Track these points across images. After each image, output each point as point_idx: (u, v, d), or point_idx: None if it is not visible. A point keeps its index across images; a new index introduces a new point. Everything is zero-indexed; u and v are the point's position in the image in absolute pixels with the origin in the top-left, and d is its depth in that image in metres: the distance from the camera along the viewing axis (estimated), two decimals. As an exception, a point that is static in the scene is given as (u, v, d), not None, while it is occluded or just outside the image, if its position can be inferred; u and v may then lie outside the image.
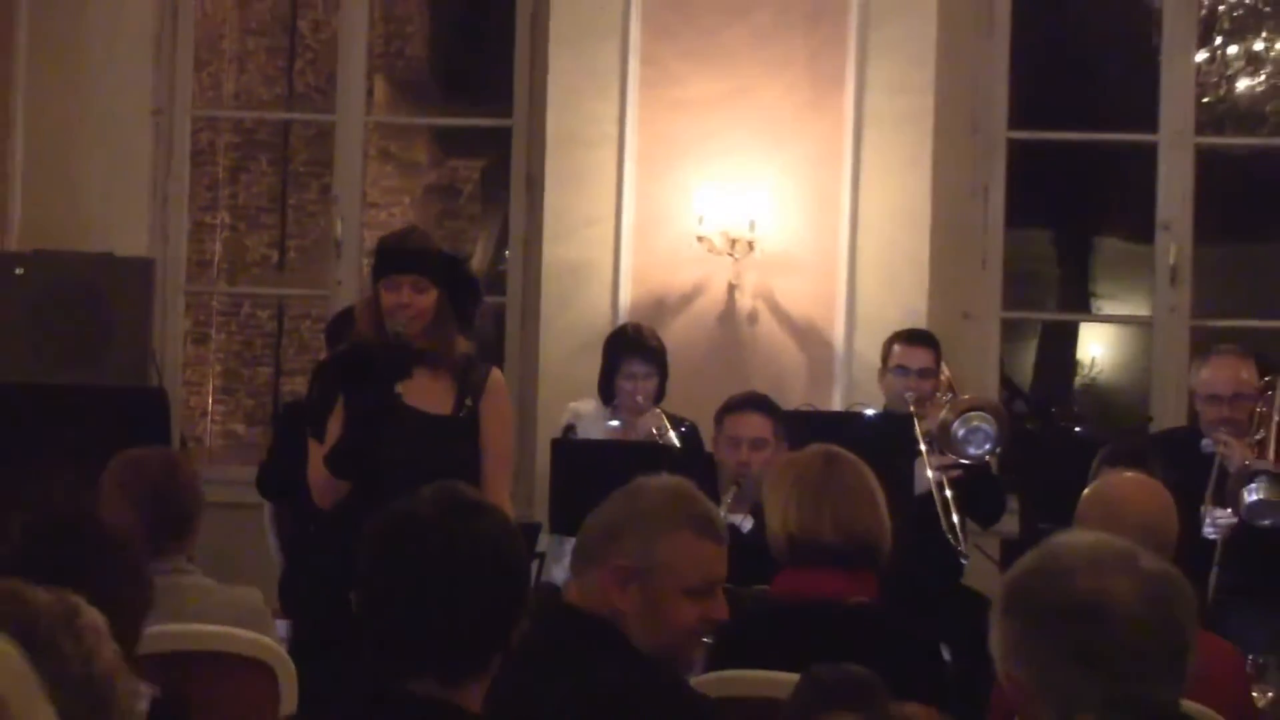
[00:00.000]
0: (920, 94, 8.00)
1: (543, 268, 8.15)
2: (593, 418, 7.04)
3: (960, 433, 6.83)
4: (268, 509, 7.42)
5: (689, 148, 8.00)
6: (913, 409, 6.90)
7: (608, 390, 7.07)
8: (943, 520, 6.73)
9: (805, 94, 7.98)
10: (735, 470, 6.49)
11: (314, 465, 5.39)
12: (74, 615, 2.57)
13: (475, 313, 5.65)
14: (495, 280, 10.02)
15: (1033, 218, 15.77)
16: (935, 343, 7.21)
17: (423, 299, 5.36)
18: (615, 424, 6.92)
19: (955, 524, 6.76)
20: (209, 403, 17.40)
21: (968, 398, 7.08)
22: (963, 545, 6.79)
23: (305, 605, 5.80)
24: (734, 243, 7.85)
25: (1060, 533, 2.95)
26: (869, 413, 7.02)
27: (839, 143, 7.96)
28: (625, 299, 7.98)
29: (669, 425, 6.81)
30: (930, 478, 6.74)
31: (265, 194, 17.79)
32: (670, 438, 6.74)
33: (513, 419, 5.87)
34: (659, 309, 7.93)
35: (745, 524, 6.21)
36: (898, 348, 7.16)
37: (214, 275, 16.98)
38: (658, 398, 7.04)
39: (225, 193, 17.59)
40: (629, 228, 8.01)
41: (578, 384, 7.39)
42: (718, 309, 7.98)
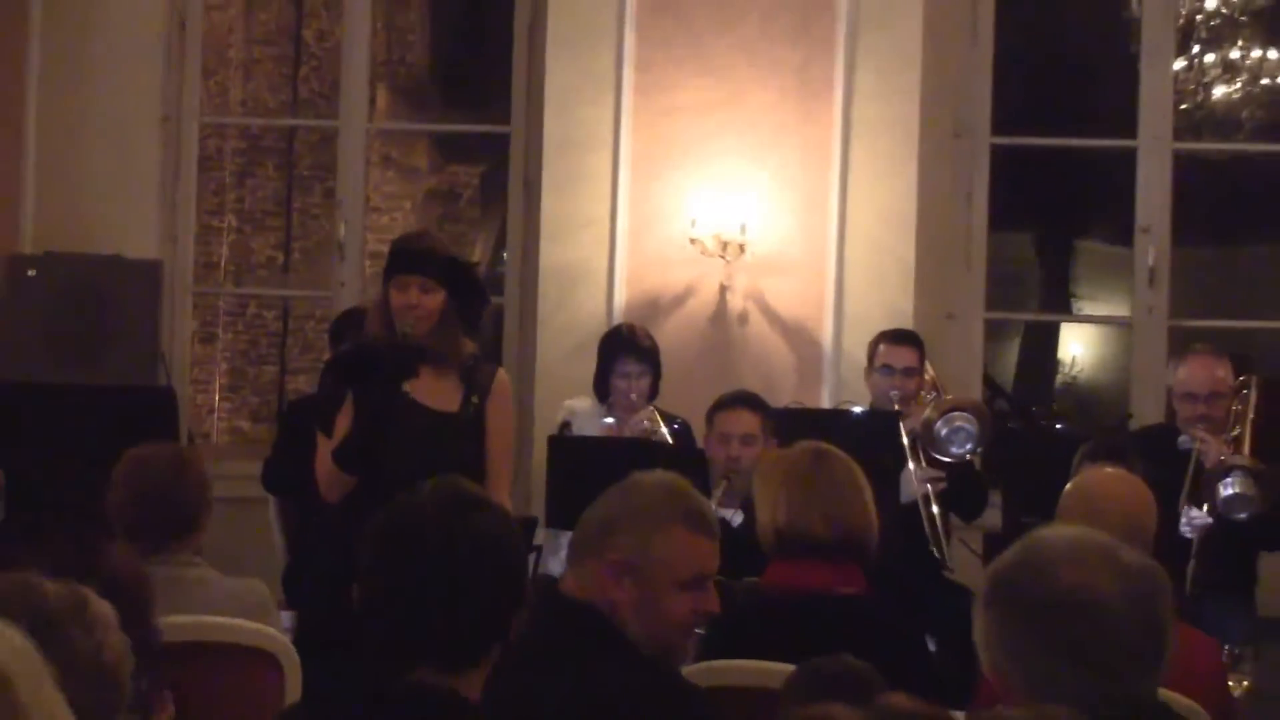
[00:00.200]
0: (906, 101, 7.99)
1: (540, 269, 8.15)
2: (588, 415, 7.04)
3: (943, 432, 6.83)
4: (273, 504, 7.42)
5: (682, 153, 7.99)
6: (898, 407, 6.91)
7: (603, 388, 7.07)
8: (928, 532, 6.73)
9: (794, 101, 7.98)
10: (726, 466, 6.47)
11: (322, 460, 5.37)
12: (83, 606, 2.58)
13: (481, 316, 5.65)
14: (494, 281, 10.01)
15: (1015, 221, 15.78)
16: (920, 342, 7.20)
17: (430, 300, 5.35)
18: (610, 421, 6.92)
19: (940, 538, 6.77)
20: (216, 400, 17.40)
21: (951, 398, 7.07)
22: (946, 559, 6.80)
23: (309, 598, 5.78)
24: (725, 245, 7.85)
25: (1042, 527, 2.95)
26: (856, 410, 7.01)
27: (827, 148, 7.96)
28: (620, 300, 7.98)
29: (662, 422, 6.79)
30: (917, 491, 6.75)
31: (270, 198, 17.79)
32: (663, 434, 6.73)
33: (515, 418, 5.87)
34: (652, 309, 7.93)
35: (735, 518, 6.20)
36: (883, 347, 7.15)
37: (221, 277, 17.00)
38: (651, 396, 7.03)
39: (232, 197, 17.59)
40: (624, 230, 8.01)
41: (574, 382, 7.38)
42: (710, 309, 7.98)
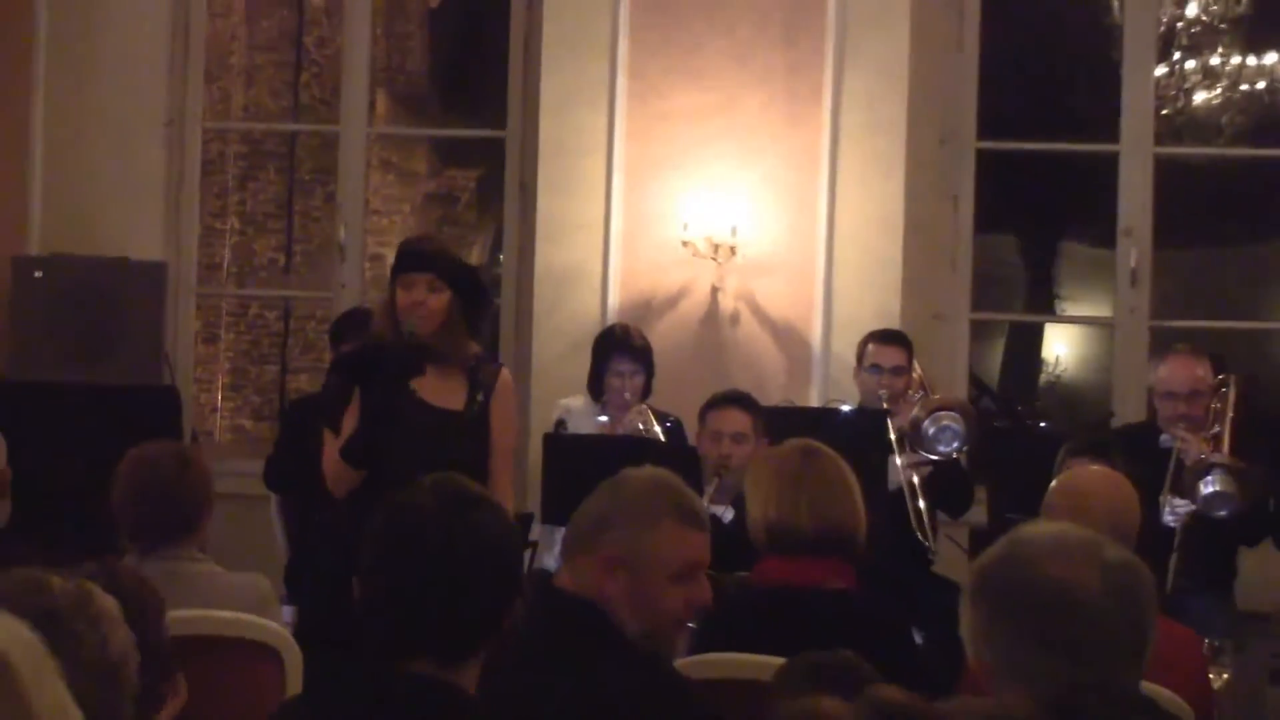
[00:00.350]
0: (893, 106, 7.99)
1: (536, 271, 8.15)
2: (582, 413, 7.04)
3: (930, 431, 6.82)
4: (274, 500, 7.42)
5: (674, 157, 7.99)
6: (886, 405, 6.91)
7: (597, 387, 7.07)
8: (912, 517, 6.74)
9: (784, 106, 7.98)
10: (717, 463, 6.47)
11: (329, 456, 5.36)
12: (89, 601, 2.57)
13: (485, 321, 5.65)
14: (491, 283, 9.99)
15: (1000, 224, 15.77)
16: (908, 342, 7.21)
17: (436, 299, 5.33)
18: (604, 419, 6.92)
19: (924, 522, 6.77)
20: (218, 399, 17.40)
21: (938, 397, 7.07)
22: (930, 541, 6.80)
23: (311, 593, 5.78)
24: (717, 247, 7.85)
25: (1027, 523, 2.95)
26: (845, 409, 7.01)
27: (816, 153, 7.96)
28: (614, 301, 7.98)
29: (654, 420, 6.80)
30: (902, 477, 6.75)
31: (272, 201, 17.78)
32: (656, 432, 6.73)
33: (517, 417, 5.86)
34: (645, 310, 7.93)
35: (727, 514, 6.20)
36: (872, 347, 7.15)
37: (223, 278, 16.99)
38: (644, 394, 7.03)
39: (234, 200, 17.58)
40: (617, 233, 8.01)
41: (568, 381, 7.38)
42: (701, 310, 7.98)
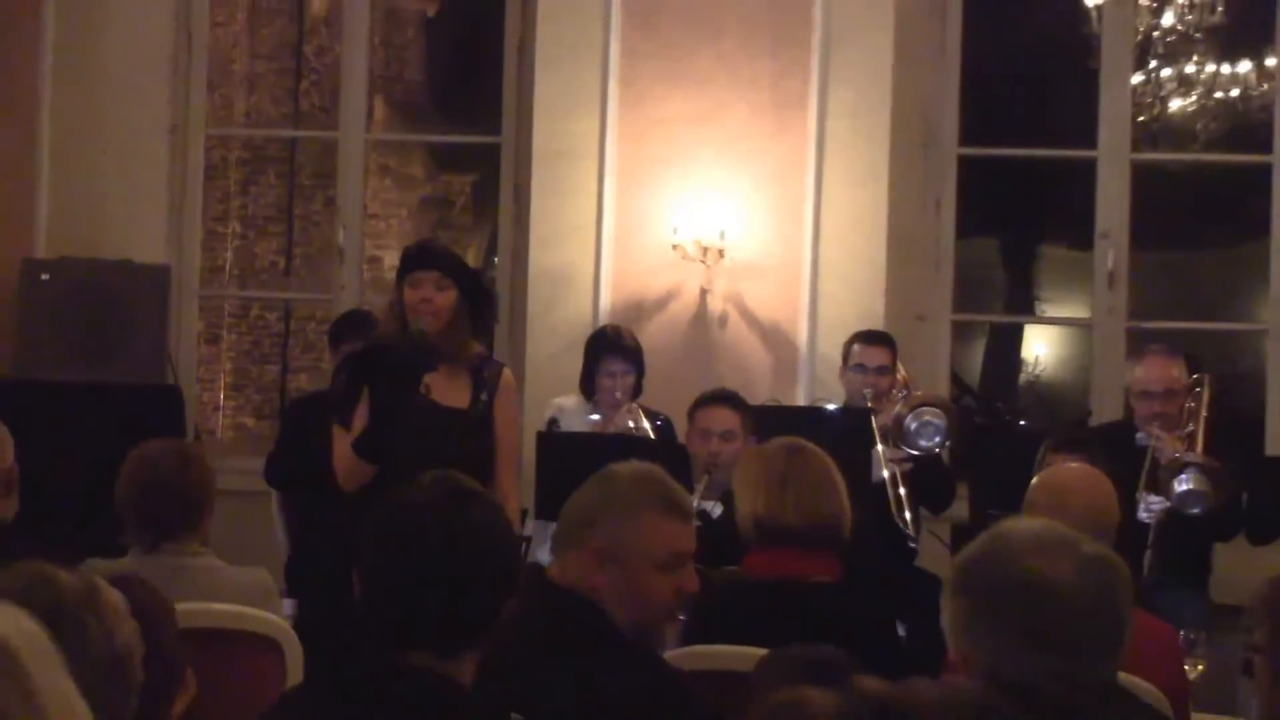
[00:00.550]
0: (877, 113, 7.99)
1: (529, 273, 8.14)
2: (575, 412, 7.03)
3: (912, 426, 6.83)
4: (275, 497, 7.41)
5: (664, 163, 7.99)
6: (871, 404, 6.91)
7: (589, 387, 7.07)
8: (894, 509, 6.74)
9: (771, 113, 7.98)
10: (706, 460, 6.46)
11: (340, 452, 5.35)
12: (95, 594, 2.57)
13: (490, 324, 5.65)
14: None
15: (982, 227, 15.79)
16: (891, 342, 7.21)
17: (443, 298, 5.33)
18: (596, 418, 6.91)
19: (906, 513, 6.77)
20: (221, 398, 17.40)
21: (920, 394, 7.07)
22: (912, 531, 6.80)
23: (311, 588, 5.77)
24: (706, 250, 7.84)
25: (1008, 519, 2.95)
26: (830, 408, 7.02)
27: (802, 158, 7.96)
28: (605, 302, 7.98)
29: (645, 419, 6.80)
30: (885, 471, 6.75)
31: (273, 205, 17.79)
32: (646, 430, 6.73)
33: (520, 415, 5.85)
34: (636, 311, 7.92)
35: (716, 510, 6.19)
36: (857, 347, 7.15)
37: (225, 280, 16.99)
38: (635, 393, 7.03)
39: (236, 204, 17.59)
40: (609, 236, 8.00)
41: (561, 381, 7.37)
42: (690, 312, 7.97)
